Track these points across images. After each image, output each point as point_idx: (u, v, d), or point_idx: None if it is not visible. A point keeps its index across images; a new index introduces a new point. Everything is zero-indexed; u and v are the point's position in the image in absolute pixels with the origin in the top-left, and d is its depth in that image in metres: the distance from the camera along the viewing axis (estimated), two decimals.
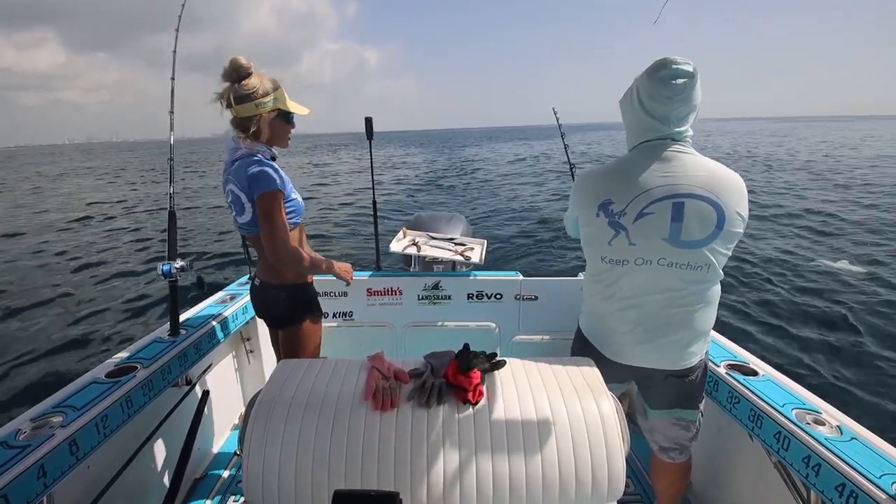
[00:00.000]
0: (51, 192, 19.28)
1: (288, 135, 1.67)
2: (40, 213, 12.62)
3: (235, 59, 1.52)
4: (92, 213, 12.14)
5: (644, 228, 1.22)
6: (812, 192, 12.98)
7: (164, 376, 1.59)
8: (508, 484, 0.99)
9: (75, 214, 12.00)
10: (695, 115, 1.24)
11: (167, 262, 1.68)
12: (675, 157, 1.22)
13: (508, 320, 2.47)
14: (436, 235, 2.90)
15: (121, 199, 15.44)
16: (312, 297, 1.78)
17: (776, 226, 9.14)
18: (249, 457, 1.00)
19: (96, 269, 7.05)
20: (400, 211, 11.60)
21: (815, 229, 8.86)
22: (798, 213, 10.20)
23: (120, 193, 17.48)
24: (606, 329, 1.39)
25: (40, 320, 5.25)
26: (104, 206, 12.70)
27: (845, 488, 1.08)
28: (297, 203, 1.65)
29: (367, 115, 2.53)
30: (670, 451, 1.50)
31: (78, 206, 13.62)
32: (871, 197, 11.84)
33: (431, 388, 1.10)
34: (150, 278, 6.50)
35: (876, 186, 13.49)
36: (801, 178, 16.14)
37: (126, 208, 11.93)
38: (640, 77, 1.24)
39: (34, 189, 20.98)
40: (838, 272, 6.40)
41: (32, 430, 1.19)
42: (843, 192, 12.83)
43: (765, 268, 6.65)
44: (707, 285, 1.26)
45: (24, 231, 9.82)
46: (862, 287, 5.85)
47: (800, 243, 7.97)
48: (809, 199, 11.77)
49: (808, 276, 6.32)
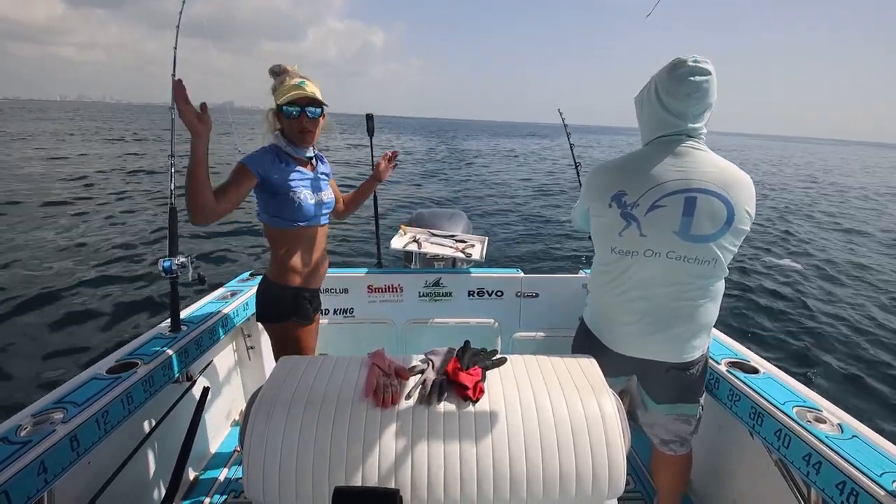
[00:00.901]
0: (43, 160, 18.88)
1: (297, 130, 1.57)
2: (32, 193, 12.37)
3: (276, 66, 1.58)
4: (89, 197, 11.95)
5: (655, 221, 1.24)
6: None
7: (164, 372, 1.59)
8: (509, 481, 0.99)
9: (70, 195, 11.81)
10: (710, 112, 1.27)
11: (168, 258, 1.68)
12: (689, 152, 1.25)
13: (509, 317, 2.47)
14: (437, 232, 2.89)
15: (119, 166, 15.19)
16: (296, 301, 1.69)
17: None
18: (250, 453, 1.00)
19: (96, 265, 7.05)
20: (402, 208, 11.59)
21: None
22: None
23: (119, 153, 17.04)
24: (612, 320, 1.40)
25: (40, 315, 5.25)
26: (101, 192, 12.52)
27: (846, 486, 1.08)
28: (297, 203, 1.58)
29: (367, 112, 2.52)
30: (671, 443, 1.51)
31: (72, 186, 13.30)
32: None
33: (432, 385, 1.10)
34: (150, 274, 6.51)
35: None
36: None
37: (126, 200, 11.84)
38: (658, 74, 1.27)
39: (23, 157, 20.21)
40: (783, 268, 7.25)
41: (33, 426, 1.19)
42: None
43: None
44: (713, 280, 1.28)
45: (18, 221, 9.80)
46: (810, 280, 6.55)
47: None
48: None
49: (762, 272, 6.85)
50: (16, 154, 18.77)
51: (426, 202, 12.86)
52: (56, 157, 18.13)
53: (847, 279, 6.92)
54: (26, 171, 14.58)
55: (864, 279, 6.95)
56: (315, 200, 1.65)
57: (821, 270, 7.31)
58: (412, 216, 3.15)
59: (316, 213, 1.66)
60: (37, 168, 15.34)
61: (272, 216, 1.61)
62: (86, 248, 7.93)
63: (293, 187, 1.59)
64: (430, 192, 14.68)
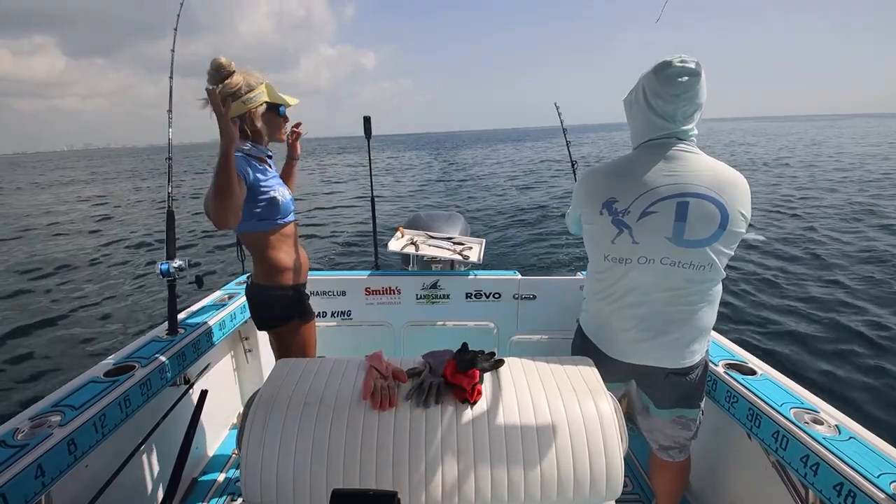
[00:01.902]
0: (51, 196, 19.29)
1: (281, 128, 1.66)
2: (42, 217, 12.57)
3: (216, 60, 1.51)
4: (91, 212, 12.12)
5: (648, 227, 1.22)
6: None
7: (162, 375, 1.59)
8: (507, 483, 0.99)
9: (75, 216, 11.99)
10: (699, 114, 1.25)
11: (165, 262, 1.68)
12: (680, 156, 1.23)
13: (507, 319, 2.47)
14: (434, 234, 2.89)
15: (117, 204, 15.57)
16: (297, 300, 1.71)
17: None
18: (248, 456, 1.00)
19: (95, 268, 7.04)
20: (398, 213, 11.61)
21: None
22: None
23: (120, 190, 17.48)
24: (608, 327, 1.39)
25: (39, 319, 5.23)
26: (102, 208, 12.69)
27: (843, 487, 1.08)
28: (279, 201, 1.59)
29: (365, 115, 2.53)
30: (670, 449, 1.50)
31: (77, 209, 13.61)
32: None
33: (430, 388, 1.10)
34: (148, 277, 6.50)
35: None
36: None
37: (123, 209, 11.91)
38: (645, 75, 1.25)
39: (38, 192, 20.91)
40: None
41: (30, 429, 1.18)
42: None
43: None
44: (709, 284, 1.27)
45: (24, 231, 9.80)
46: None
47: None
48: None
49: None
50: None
51: (423, 205, 12.89)
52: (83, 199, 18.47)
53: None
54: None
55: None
56: (289, 195, 1.68)
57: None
58: (409, 218, 3.16)
59: (292, 208, 1.69)
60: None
61: (259, 220, 1.58)
62: (85, 250, 7.91)
63: (271, 186, 1.58)
64: (427, 195, 14.73)
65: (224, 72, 1.51)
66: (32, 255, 7.76)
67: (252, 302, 1.72)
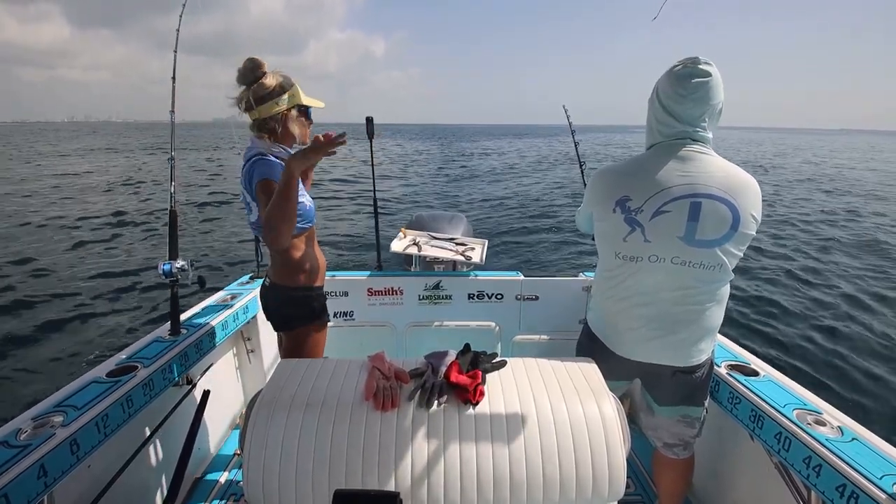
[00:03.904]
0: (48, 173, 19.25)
1: (308, 130, 1.66)
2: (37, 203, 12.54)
3: (253, 60, 1.51)
4: (91, 204, 12.09)
5: (660, 226, 1.23)
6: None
7: (164, 376, 1.59)
8: (509, 484, 0.99)
9: (73, 205, 11.94)
10: (714, 116, 1.25)
11: (168, 262, 1.67)
12: (693, 156, 1.24)
13: (509, 320, 2.47)
14: (437, 235, 2.90)
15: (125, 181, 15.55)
16: (319, 302, 1.71)
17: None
18: (250, 456, 1.00)
19: (96, 267, 7.05)
20: (401, 211, 11.60)
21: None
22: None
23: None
24: (616, 325, 1.40)
25: (40, 319, 5.25)
26: (103, 203, 12.67)
27: (846, 489, 1.08)
28: (304, 206, 1.59)
29: (367, 115, 2.53)
30: (674, 447, 1.50)
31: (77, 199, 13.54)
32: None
33: (432, 388, 1.10)
34: (150, 277, 6.51)
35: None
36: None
37: (125, 210, 11.92)
38: (661, 77, 1.27)
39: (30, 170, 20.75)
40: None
41: (33, 430, 1.19)
42: None
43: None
44: (718, 284, 1.28)
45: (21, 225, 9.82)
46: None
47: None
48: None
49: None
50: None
51: (426, 205, 12.88)
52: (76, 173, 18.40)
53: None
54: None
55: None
56: (312, 200, 1.68)
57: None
58: (412, 219, 3.16)
59: (315, 212, 1.69)
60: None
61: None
62: (85, 250, 7.93)
63: (301, 192, 1.56)
64: (430, 193, 14.72)
65: (259, 73, 1.51)
66: (40, 249, 7.80)
67: (274, 302, 1.69)
